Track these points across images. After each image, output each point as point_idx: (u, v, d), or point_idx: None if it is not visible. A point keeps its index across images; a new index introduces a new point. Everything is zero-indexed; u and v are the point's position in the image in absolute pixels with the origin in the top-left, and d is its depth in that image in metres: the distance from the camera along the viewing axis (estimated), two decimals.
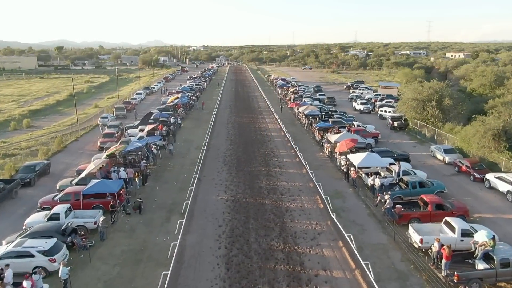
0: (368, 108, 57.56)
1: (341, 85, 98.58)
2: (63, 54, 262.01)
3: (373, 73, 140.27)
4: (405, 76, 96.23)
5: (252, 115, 55.90)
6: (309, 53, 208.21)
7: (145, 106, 62.45)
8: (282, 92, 75.61)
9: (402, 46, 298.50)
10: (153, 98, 71.88)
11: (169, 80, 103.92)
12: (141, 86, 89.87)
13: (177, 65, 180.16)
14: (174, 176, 30.01)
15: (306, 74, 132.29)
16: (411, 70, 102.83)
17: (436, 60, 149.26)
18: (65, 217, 20.57)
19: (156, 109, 53.47)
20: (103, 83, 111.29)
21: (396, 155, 32.12)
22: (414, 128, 43.75)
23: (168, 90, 74.97)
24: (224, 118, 53.36)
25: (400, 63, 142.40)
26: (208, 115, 54.10)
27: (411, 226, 19.99)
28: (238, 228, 21.31)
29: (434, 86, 44.49)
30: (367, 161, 28.31)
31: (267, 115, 55.56)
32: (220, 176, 29.83)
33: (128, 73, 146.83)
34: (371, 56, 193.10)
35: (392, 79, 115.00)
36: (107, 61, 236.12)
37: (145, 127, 39.68)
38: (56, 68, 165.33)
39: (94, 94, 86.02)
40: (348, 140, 32.29)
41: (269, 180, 28.91)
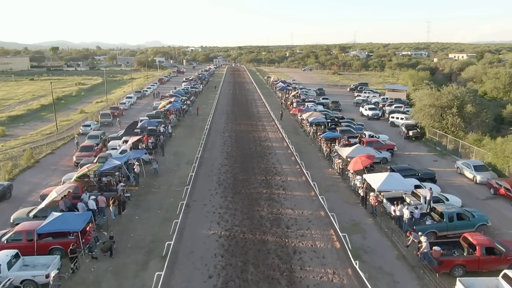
0: (377, 114, 52.88)
1: (344, 87, 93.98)
2: (58, 55, 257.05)
3: (375, 74, 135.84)
4: (411, 78, 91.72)
5: (251, 121, 51.13)
6: (309, 54, 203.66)
7: (135, 112, 57.62)
8: (283, 96, 71.03)
9: (402, 46, 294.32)
10: (145, 103, 66.96)
11: (163, 82, 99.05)
12: (133, 88, 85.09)
13: (174, 66, 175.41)
14: (158, 201, 25.24)
15: (307, 76, 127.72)
16: (416, 71, 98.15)
17: (440, 61, 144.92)
18: (8, 269, 15.80)
19: (146, 115, 48.68)
20: (95, 85, 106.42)
21: (420, 173, 27.44)
22: (432, 138, 39.07)
23: (161, 94, 70.00)
24: (220, 125, 48.60)
25: (403, 64, 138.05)
26: (202, 122, 49.36)
27: (461, 282, 15.26)
28: (233, 281, 16.55)
29: (454, 91, 39.87)
30: (389, 183, 23.61)
31: (267, 122, 50.82)
32: (213, 200, 25.07)
33: (122, 74, 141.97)
34: (372, 57, 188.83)
35: (396, 81, 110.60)
36: (102, 61, 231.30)
37: (129, 138, 34.92)
38: (49, 69, 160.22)
39: (83, 97, 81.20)
40: (363, 156, 27.58)
41: (271, 206, 24.16)
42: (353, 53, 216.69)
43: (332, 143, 36.79)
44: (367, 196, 24.14)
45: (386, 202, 23.46)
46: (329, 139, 37.42)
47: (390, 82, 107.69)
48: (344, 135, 37.94)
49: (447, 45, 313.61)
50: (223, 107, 62.52)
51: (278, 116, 51.88)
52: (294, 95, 64.91)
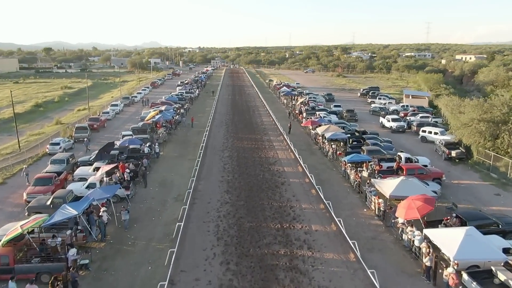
0: (402, 126, 45.14)
1: (353, 91, 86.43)
2: (51, 56, 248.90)
3: (382, 76, 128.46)
4: (426, 82, 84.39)
5: (255, 135, 43.31)
6: (310, 55, 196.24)
7: (120, 123, 49.66)
8: (288, 102, 63.27)
9: (403, 48, 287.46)
10: (133, 111, 58.92)
11: (157, 86, 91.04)
12: (122, 94, 77.14)
13: (170, 68, 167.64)
14: (129, 272, 17.38)
15: (310, 78, 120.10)
16: (431, 74, 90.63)
17: (449, 63, 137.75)
18: None
19: (131, 128, 40.72)
20: (83, 89, 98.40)
21: (501, 224, 19.68)
22: (483, 161, 31.39)
23: (152, 100, 61.92)
24: (218, 140, 40.80)
25: (411, 66, 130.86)
26: (198, 136, 41.60)
27: None
28: None
29: (509, 102, 32.24)
30: (469, 248, 15.96)
31: (274, 136, 43.03)
32: (208, 273, 17.18)
33: (114, 76, 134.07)
34: (376, 58, 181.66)
35: (406, 84, 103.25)
36: (96, 63, 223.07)
37: (102, 164, 27.09)
38: (38, 71, 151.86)
39: (66, 104, 73.24)
40: (418, 199, 19.83)
41: (295, 282, 16.37)
42: (355, 54, 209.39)
43: (358, 168, 29.22)
44: (436, 268, 16.41)
45: (468, 279, 15.70)
46: (356, 163, 29.82)
47: (400, 85, 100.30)
48: (374, 158, 30.30)
49: (447, 46, 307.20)
50: (221, 116, 54.72)
51: (286, 129, 44.12)
52: (302, 102, 57.20)
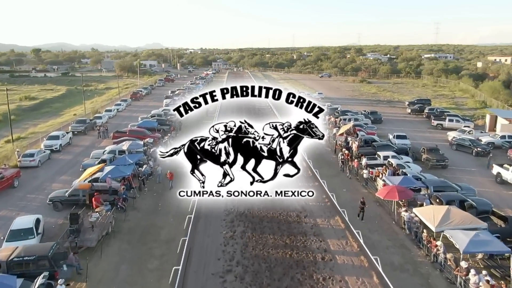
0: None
1: (393, 104, 66.41)
2: (40, 57, 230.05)
3: (413, 82, 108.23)
4: (493, 92, 64.25)
5: (290, 235, 22.37)
6: (320, 57, 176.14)
7: (44, 178, 29.28)
8: (340, 146, 34.84)
9: (415, 48, 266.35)
10: (86, 145, 38.36)
11: (139, 98, 70.66)
12: (85, 111, 57.05)
13: (165, 71, 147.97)
14: None
15: (329, 85, 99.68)
16: (498, 82, 70.22)
17: (489, 66, 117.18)
18: None
19: None
20: (50, 100, 78.73)
21: None
22: None
23: (116, 128, 41.34)
24: (215, 238, 20.56)
25: (448, 70, 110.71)
26: (177, 219, 21.59)
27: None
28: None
29: None
30: None
31: (335, 236, 22.08)
32: None
33: (99, 82, 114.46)
34: (397, 60, 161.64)
35: (453, 93, 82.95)
36: (88, 65, 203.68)
37: None
38: (12, 75, 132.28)
39: (7, 125, 53.27)
40: None
41: None
42: (371, 56, 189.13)
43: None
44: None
45: None
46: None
47: (445, 95, 80.00)
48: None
49: (459, 47, 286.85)
50: None
51: (352, 210, 23.69)
52: (348, 131, 36.88)
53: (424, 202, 21.36)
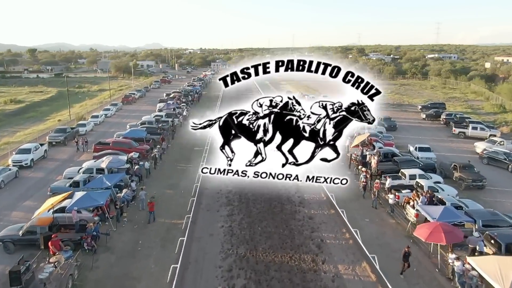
0: None
1: (404, 108, 61.78)
2: (35, 58, 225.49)
3: (420, 84, 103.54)
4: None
5: None
6: (322, 57, 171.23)
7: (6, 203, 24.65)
8: (355, 161, 31.06)
9: (416, 48, 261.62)
10: (64, 158, 33.60)
11: (132, 101, 65.76)
12: (70, 117, 52.21)
13: (163, 72, 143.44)
14: None
15: (332, 86, 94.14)
16: (508, 83, 65.65)
17: (497, 67, 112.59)
18: None
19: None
20: (37, 103, 73.96)
21: None
22: None
23: (100, 138, 36.56)
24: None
25: (457, 71, 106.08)
26: (163, 263, 16.91)
27: None
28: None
29: None
30: None
31: (361, 285, 17.15)
32: None
33: (92, 84, 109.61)
34: (401, 61, 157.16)
35: (465, 95, 78.21)
36: (83, 66, 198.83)
37: None
38: (4, 76, 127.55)
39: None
40: None
41: None
42: (374, 56, 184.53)
43: None
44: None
45: None
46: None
47: (457, 98, 75.20)
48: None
49: (461, 47, 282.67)
50: (220, 193, 28.97)
51: (382, 252, 18.94)
52: (363, 142, 32.04)
53: (477, 245, 16.59)
